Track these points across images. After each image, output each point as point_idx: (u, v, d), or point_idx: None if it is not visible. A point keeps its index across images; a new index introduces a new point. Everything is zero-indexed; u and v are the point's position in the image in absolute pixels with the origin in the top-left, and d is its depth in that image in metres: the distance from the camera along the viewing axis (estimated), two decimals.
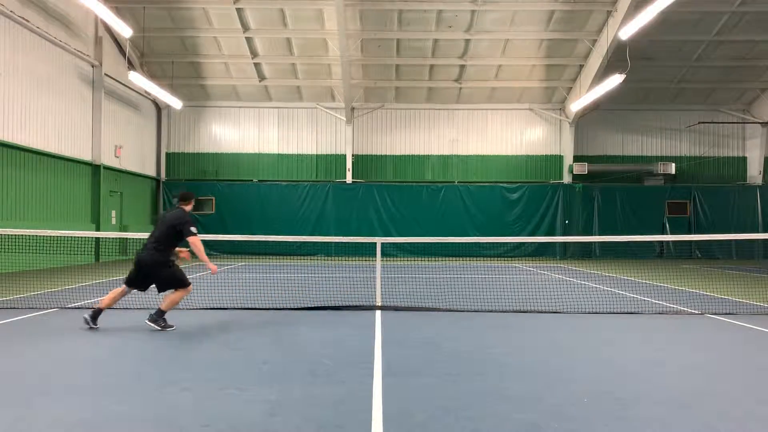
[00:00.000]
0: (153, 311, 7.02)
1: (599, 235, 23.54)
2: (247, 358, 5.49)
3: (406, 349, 5.95)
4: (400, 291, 10.32)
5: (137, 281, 6.95)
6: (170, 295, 6.93)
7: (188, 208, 7.29)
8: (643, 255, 23.40)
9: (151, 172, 24.10)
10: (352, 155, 24.57)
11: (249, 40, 21.48)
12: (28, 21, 15.67)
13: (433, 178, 24.92)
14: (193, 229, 7.02)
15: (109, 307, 7.05)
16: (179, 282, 6.92)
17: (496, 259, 22.82)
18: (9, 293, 10.08)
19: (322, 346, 6.02)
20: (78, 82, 18.51)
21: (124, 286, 7.04)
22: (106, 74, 19.70)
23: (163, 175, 24.64)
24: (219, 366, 5.15)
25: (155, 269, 6.83)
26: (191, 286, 7.05)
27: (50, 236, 14.69)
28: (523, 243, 23.49)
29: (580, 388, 4.50)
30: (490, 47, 21.80)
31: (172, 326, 6.91)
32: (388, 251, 22.94)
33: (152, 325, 6.81)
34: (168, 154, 24.82)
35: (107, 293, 7.19)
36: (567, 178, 24.73)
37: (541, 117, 25.04)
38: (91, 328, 6.80)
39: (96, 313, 6.91)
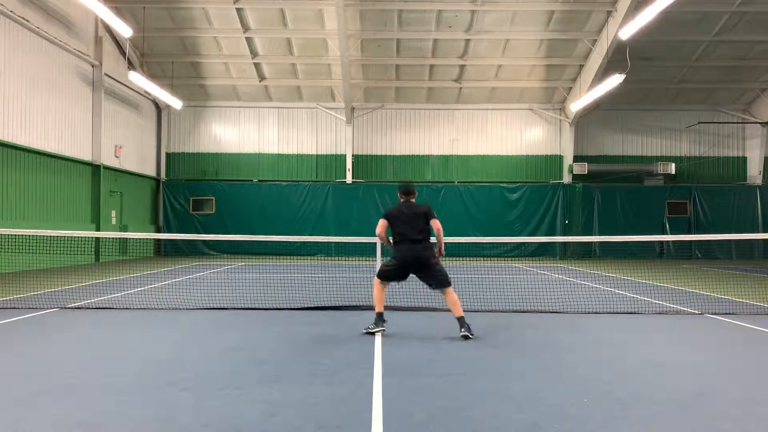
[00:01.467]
0: (461, 327, 6.45)
1: (599, 235, 23.54)
2: (247, 358, 5.49)
3: (406, 349, 5.95)
4: (400, 291, 10.30)
5: (400, 275, 6.74)
6: (451, 298, 6.59)
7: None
8: (643, 255, 23.40)
9: (151, 172, 24.10)
10: (352, 155, 24.57)
11: (249, 40, 21.48)
12: (27, 21, 15.67)
13: (433, 178, 24.91)
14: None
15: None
16: (447, 278, 6.65)
17: (496, 259, 22.81)
18: (9, 293, 10.08)
19: (322, 346, 6.01)
20: (78, 82, 18.51)
21: (378, 280, 6.81)
22: (106, 74, 19.71)
23: (163, 175, 24.64)
24: (219, 366, 5.15)
25: (431, 266, 6.57)
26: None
27: (50, 236, 14.70)
28: (523, 243, 23.48)
29: (580, 388, 4.49)
30: (490, 47, 21.80)
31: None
32: (388, 251, 22.90)
33: (469, 333, 6.37)
34: (168, 154, 24.82)
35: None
36: (567, 178, 24.73)
37: (541, 117, 25.04)
38: (380, 331, 6.60)
39: (380, 317, 6.68)
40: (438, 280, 6.66)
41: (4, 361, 5.29)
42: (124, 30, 16.45)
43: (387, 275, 6.87)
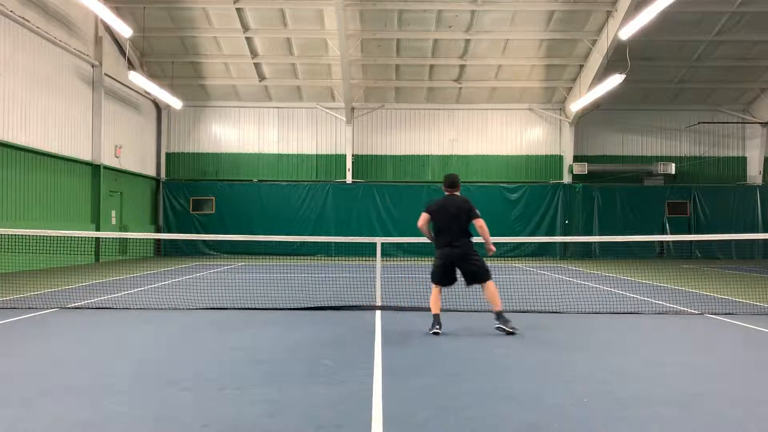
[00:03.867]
0: (496, 319, 6.67)
1: (599, 235, 23.53)
2: (247, 358, 5.49)
3: (406, 349, 5.95)
4: (400, 291, 10.31)
5: (449, 276, 6.81)
6: (490, 291, 6.71)
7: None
8: (643, 255, 23.39)
9: (151, 172, 24.10)
10: (352, 155, 24.56)
11: (249, 40, 21.48)
12: (28, 21, 15.67)
13: (433, 178, 24.90)
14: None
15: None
16: (487, 271, 6.72)
17: (496, 259, 22.78)
18: (9, 293, 10.07)
19: (322, 346, 6.01)
20: (78, 82, 18.51)
21: (435, 286, 6.84)
22: (106, 74, 19.70)
23: (163, 175, 24.64)
24: (219, 366, 5.15)
25: (469, 257, 6.64)
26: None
27: (50, 236, 14.70)
28: (523, 243, 23.47)
29: (580, 388, 4.49)
30: (490, 47, 21.80)
31: (516, 328, 6.64)
32: (388, 251, 22.93)
33: (507, 328, 6.56)
34: (168, 154, 24.81)
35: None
36: (567, 178, 24.73)
37: (541, 117, 25.04)
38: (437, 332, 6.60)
39: (435, 320, 6.67)
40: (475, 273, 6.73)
41: (4, 361, 5.29)
42: (124, 30, 16.45)
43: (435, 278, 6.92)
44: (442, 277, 6.86)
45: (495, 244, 7.13)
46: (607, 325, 7.54)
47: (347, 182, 24.45)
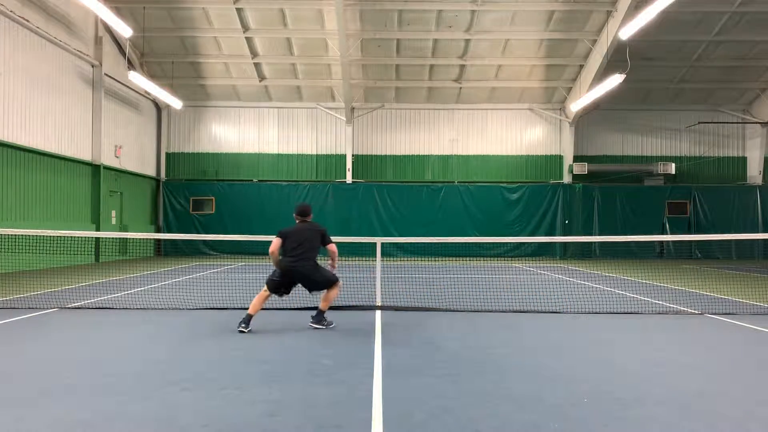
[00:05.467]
0: (313, 314, 7.19)
1: (599, 235, 23.53)
2: (247, 358, 5.49)
3: (406, 349, 5.95)
4: (400, 291, 10.31)
5: (284, 287, 7.13)
6: (326, 294, 7.17)
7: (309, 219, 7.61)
8: (643, 255, 23.40)
9: (151, 172, 24.10)
10: (352, 155, 24.56)
11: (249, 40, 21.48)
12: (28, 21, 15.67)
13: (433, 178, 24.91)
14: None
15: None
16: (331, 281, 7.18)
17: (496, 259, 22.81)
18: (9, 293, 10.08)
19: (322, 346, 6.02)
20: (78, 82, 18.51)
21: (266, 291, 7.05)
22: (106, 74, 19.70)
23: (163, 175, 24.64)
24: (219, 366, 5.15)
25: (311, 273, 7.07)
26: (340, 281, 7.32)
27: (50, 236, 14.70)
28: (523, 243, 23.48)
29: (580, 388, 4.50)
30: (490, 47, 21.80)
31: (332, 323, 7.16)
32: (388, 251, 22.93)
33: (318, 326, 7.02)
34: (168, 154, 24.82)
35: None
36: (567, 178, 24.73)
37: (541, 117, 25.04)
38: (242, 332, 6.72)
39: (248, 319, 6.86)
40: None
41: (4, 361, 5.29)
42: (124, 30, 16.45)
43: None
44: (280, 287, 7.11)
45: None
46: (607, 325, 7.54)
47: (347, 182, 24.45)
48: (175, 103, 21.84)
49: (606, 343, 6.37)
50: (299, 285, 7.17)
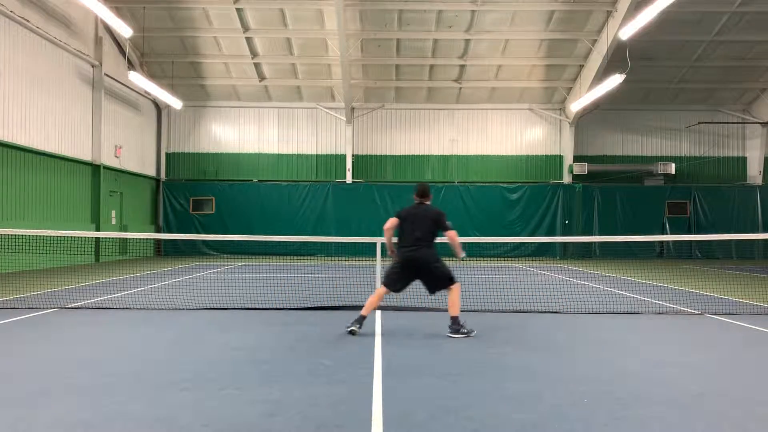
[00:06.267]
0: (448, 324, 6.59)
1: (599, 235, 23.53)
2: (247, 358, 5.49)
3: (406, 349, 5.95)
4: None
5: (402, 281, 6.68)
6: (450, 297, 6.62)
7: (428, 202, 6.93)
8: (643, 255, 23.40)
9: (151, 172, 24.10)
10: (352, 155, 24.56)
11: (249, 40, 21.48)
12: (28, 21, 15.67)
13: (433, 178, 24.90)
14: (450, 223, 6.72)
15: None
16: (451, 279, 6.60)
17: (496, 259, 22.80)
18: (9, 293, 10.07)
19: (322, 346, 6.02)
20: (78, 82, 18.51)
21: (382, 288, 6.75)
22: (106, 74, 19.70)
23: (163, 175, 24.64)
24: (219, 366, 5.15)
25: (431, 263, 6.53)
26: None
27: (50, 236, 14.69)
28: (523, 243, 23.47)
29: (580, 388, 4.49)
30: (490, 47, 21.80)
31: (472, 330, 6.59)
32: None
33: (457, 335, 6.47)
34: (168, 154, 24.81)
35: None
36: (567, 178, 24.73)
37: (541, 117, 25.04)
38: (353, 332, 6.54)
39: (361, 319, 6.64)
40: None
41: (4, 361, 5.29)
42: (124, 30, 16.45)
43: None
44: (396, 281, 6.72)
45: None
46: (607, 325, 7.54)
47: (347, 182, 24.45)
48: (175, 103, 21.83)
49: (606, 343, 6.37)
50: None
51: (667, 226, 24.59)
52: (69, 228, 16.82)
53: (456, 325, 6.55)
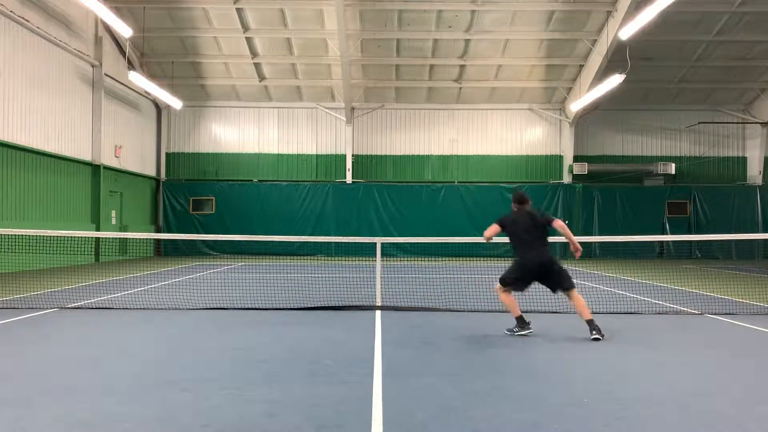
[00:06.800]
0: (590, 329, 6.43)
1: (599, 235, 23.52)
2: (247, 358, 5.49)
3: (406, 349, 5.94)
4: (400, 291, 10.31)
5: (528, 282, 6.75)
6: (578, 301, 6.57)
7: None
8: (643, 255, 23.39)
9: (151, 172, 24.10)
10: (352, 155, 24.56)
11: (249, 40, 21.48)
12: (28, 21, 15.67)
13: (433, 178, 24.91)
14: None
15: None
16: (570, 278, 6.64)
17: (496, 259, 22.79)
18: (9, 293, 10.08)
19: (322, 346, 6.01)
20: (78, 82, 18.51)
21: (510, 291, 6.80)
22: (106, 74, 19.70)
23: (163, 175, 24.64)
24: (219, 366, 5.15)
25: (553, 266, 6.60)
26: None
27: (50, 236, 14.68)
28: None
29: (580, 388, 4.49)
30: (490, 47, 21.80)
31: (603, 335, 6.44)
32: (388, 251, 22.92)
33: (598, 335, 6.36)
34: (168, 154, 24.81)
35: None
36: (567, 178, 24.73)
37: (541, 117, 25.04)
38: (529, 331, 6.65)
39: (521, 322, 6.70)
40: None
41: (4, 361, 5.29)
42: (124, 30, 16.45)
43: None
44: (524, 283, 6.78)
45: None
46: (607, 325, 7.53)
47: (347, 182, 24.45)
48: (175, 103, 21.83)
49: (606, 343, 6.37)
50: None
51: (667, 226, 24.58)
52: (69, 228, 16.81)
53: (593, 326, 6.48)
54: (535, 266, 6.58)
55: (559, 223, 6.74)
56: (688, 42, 21.44)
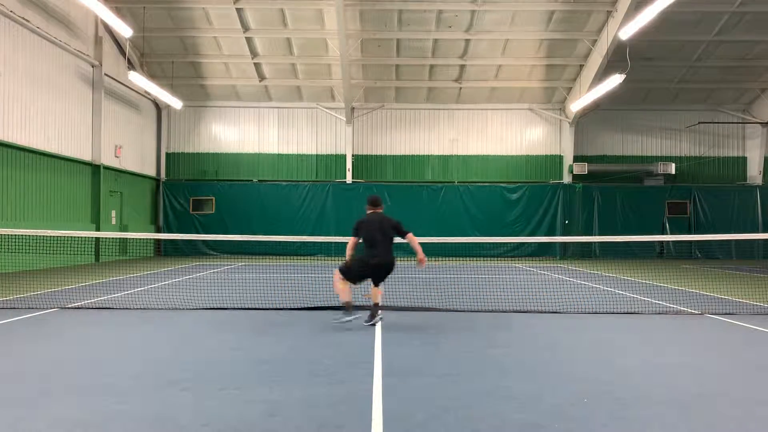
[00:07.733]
0: (372, 314, 7.30)
1: (599, 235, 23.52)
2: (247, 358, 5.49)
3: (406, 349, 5.95)
4: (400, 291, 10.31)
5: (367, 277, 7.39)
6: (377, 291, 7.45)
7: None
8: (643, 255, 23.39)
9: (151, 172, 24.10)
10: (352, 155, 24.56)
11: (249, 40, 21.48)
12: (28, 21, 15.67)
13: (433, 178, 24.91)
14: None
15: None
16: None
17: (496, 259, 22.81)
18: (9, 293, 10.08)
19: (322, 346, 6.02)
20: (78, 82, 18.51)
21: (348, 283, 7.32)
22: (106, 74, 19.70)
23: (163, 175, 24.64)
24: (219, 366, 5.15)
25: (391, 267, 7.38)
26: None
27: (50, 236, 14.69)
28: (523, 243, 23.47)
29: (580, 388, 4.50)
30: (490, 47, 21.80)
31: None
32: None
33: (373, 322, 7.21)
34: (168, 154, 24.81)
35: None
36: (567, 178, 24.72)
37: (541, 117, 25.04)
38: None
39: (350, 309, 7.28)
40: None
41: (4, 361, 5.29)
42: (124, 30, 16.45)
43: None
44: (361, 279, 7.43)
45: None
46: (607, 325, 7.54)
47: (347, 182, 24.45)
48: (175, 103, 21.83)
49: (606, 343, 6.37)
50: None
51: (667, 226, 24.58)
52: (69, 228, 16.81)
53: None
54: (379, 266, 7.29)
55: (410, 236, 7.43)
56: (688, 42, 21.44)
